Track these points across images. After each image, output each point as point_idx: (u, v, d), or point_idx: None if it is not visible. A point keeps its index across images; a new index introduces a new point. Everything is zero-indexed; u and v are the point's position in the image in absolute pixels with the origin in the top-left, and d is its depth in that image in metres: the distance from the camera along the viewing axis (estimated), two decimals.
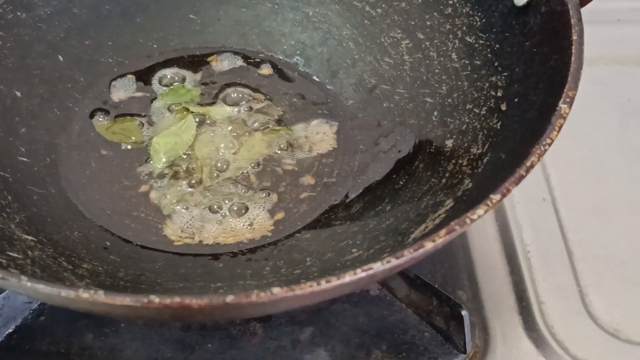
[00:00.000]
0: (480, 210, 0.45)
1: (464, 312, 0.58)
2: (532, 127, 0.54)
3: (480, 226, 0.70)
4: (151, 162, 0.65)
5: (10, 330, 0.58)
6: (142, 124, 0.68)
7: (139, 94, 0.70)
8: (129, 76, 0.71)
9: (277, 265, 0.57)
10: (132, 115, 0.69)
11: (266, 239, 0.60)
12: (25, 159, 0.62)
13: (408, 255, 0.43)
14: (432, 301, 0.60)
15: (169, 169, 0.64)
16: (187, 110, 0.68)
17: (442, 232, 0.44)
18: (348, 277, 0.42)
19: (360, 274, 0.42)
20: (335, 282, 0.42)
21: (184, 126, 0.66)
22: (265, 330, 0.59)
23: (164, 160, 0.65)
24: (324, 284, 0.41)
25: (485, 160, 0.56)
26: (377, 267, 0.42)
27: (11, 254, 0.52)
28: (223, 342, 0.58)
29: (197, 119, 0.68)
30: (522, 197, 0.71)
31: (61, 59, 0.69)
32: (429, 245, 0.44)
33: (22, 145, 0.63)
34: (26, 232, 0.56)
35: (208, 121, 0.68)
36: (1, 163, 0.60)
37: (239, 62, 0.74)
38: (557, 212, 0.70)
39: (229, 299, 0.40)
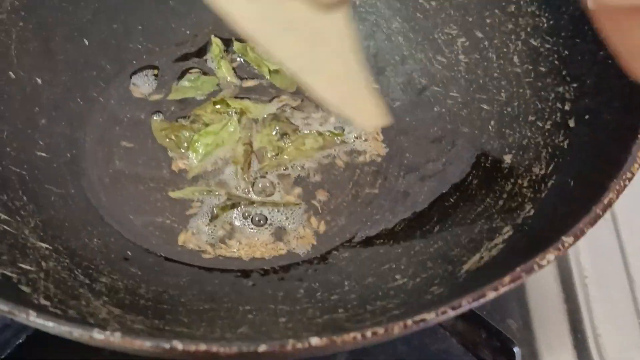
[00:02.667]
0: (550, 255, 0.40)
1: (516, 349, 0.52)
2: (605, 151, 0.48)
3: None
4: (187, 161, 0.60)
5: (20, 341, 0.54)
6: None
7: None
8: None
9: (312, 287, 0.52)
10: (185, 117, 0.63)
11: (300, 256, 0.55)
12: (44, 154, 0.57)
13: (466, 306, 0.38)
14: (480, 333, 0.55)
15: (202, 172, 0.59)
16: (227, 103, 0.62)
17: (507, 279, 0.39)
18: (397, 329, 0.37)
19: (411, 326, 0.37)
20: (381, 333, 0.37)
21: (227, 125, 0.61)
22: None
23: (201, 160, 0.59)
24: (369, 335, 0.37)
25: (549, 184, 0.50)
26: (431, 318, 0.37)
27: (23, 265, 0.47)
28: None
29: (236, 113, 0.62)
30: None
31: (87, 43, 0.64)
32: (490, 295, 0.39)
33: (42, 138, 0.58)
34: (41, 238, 0.51)
35: (248, 117, 0.63)
36: (18, 158, 0.56)
37: None
38: (619, 234, 0.64)
39: (262, 348, 0.35)
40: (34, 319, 0.36)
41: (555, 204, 0.48)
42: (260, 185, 0.59)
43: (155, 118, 0.62)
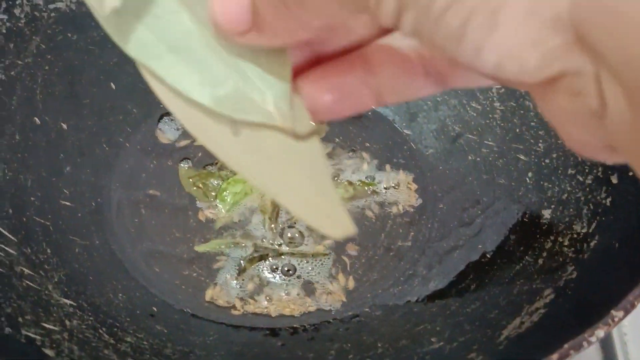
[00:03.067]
0: (599, 331, 0.38)
1: None
2: None
3: None
4: (214, 210, 0.58)
5: None
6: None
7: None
8: None
9: (344, 349, 0.50)
10: (213, 164, 0.62)
11: (331, 314, 0.53)
12: (68, 203, 0.56)
13: None
14: None
15: (229, 222, 0.57)
16: None
17: (554, 356, 0.37)
18: None
19: None
20: None
21: None
22: None
23: (229, 210, 0.58)
24: None
25: (592, 245, 0.48)
26: None
27: (47, 325, 0.45)
28: None
29: None
30: None
31: (113, 87, 0.63)
32: None
33: (66, 186, 0.57)
34: (65, 294, 0.49)
35: None
36: (42, 208, 0.54)
37: None
38: None
39: None
40: None
41: (600, 268, 0.46)
42: (288, 235, 0.57)
43: (182, 165, 0.61)
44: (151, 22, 0.26)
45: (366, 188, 0.60)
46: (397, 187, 0.61)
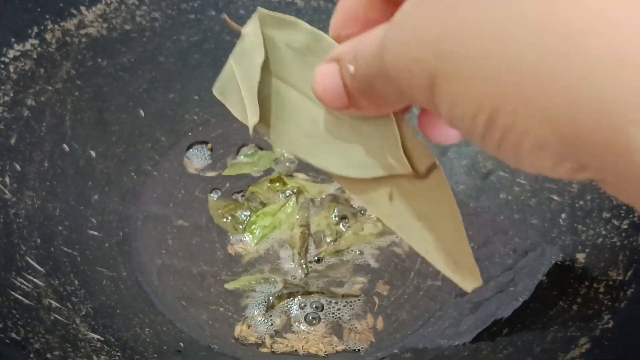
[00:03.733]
0: None
1: None
2: None
3: None
4: (243, 244, 0.57)
5: None
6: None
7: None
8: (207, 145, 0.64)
9: None
10: (240, 193, 0.61)
11: (360, 354, 0.52)
12: (96, 233, 0.56)
13: None
14: None
15: (258, 256, 0.57)
16: (283, 182, 0.60)
17: None
18: None
19: None
20: None
21: (285, 206, 0.58)
22: None
23: (257, 243, 0.57)
24: None
25: (629, 293, 0.48)
26: None
27: None
28: None
29: (293, 193, 0.60)
30: None
31: (142, 113, 0.62)
32: None
33: (94, 215, 0.56)
34: (92, 328, 0.49)
35: (305, 197, 0.60)
36: (70, 238, 0.54)
37: None
38: None
39: None
40: None
41: (637, 319, 0.45)
42: (319, 271, 0.57)
43: (212, 196, 0.60)
44: (287, 118, 0.32)
45: None
46: None
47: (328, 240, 0.58)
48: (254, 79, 0.33)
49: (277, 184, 0.61)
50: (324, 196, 0.60)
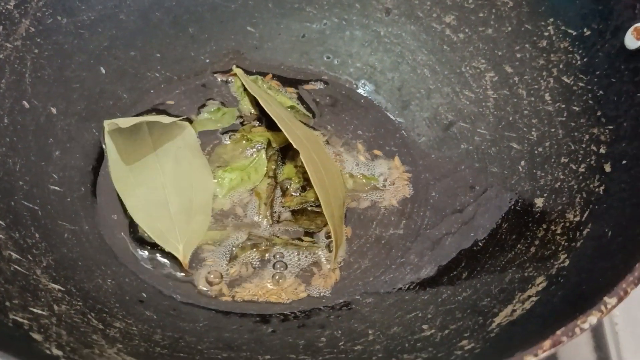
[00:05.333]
0: (592, 318, 0.38)
1: None
2: None
3: None
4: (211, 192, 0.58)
5: None
6: None
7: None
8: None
9: (335, 336, 0.49)
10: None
11: (322, 301, 0.53)
12: (57, 188, 0.55)
13: None
14: None
15: (225, 208, 0.57)
16: (248, 139, 0.60)
17: (547, 343, 0.37)
18: None
19: None
20: None
21: (254, 162, 0.59)
22: None
23: (225, 196, 0.57)
24: None
25: (585, 233, 0.48)
26: None
27: (35, 310, 0.45)
28: None
29: (262, 148, 0.60)
30: None
31: (103, 71, 0.62)
32: None
33: (55, 171, 0.56)
34: (53, 279, 0.49)
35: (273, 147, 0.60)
36: (30, 193, 0.53)
37: (299, 83, 0.66)
38: None
39: None
40: None
41: (592, 256, 0.46)
42: (283, 223, 0.57)
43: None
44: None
45: (365, 181, 0.59)
46: (388, 174, 0.60)
47: (293, 187, 0.58)
48: None
49: (243, 142, 0.61)
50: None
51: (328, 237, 0.56)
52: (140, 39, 0.64)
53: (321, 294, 0.53)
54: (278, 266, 0.54)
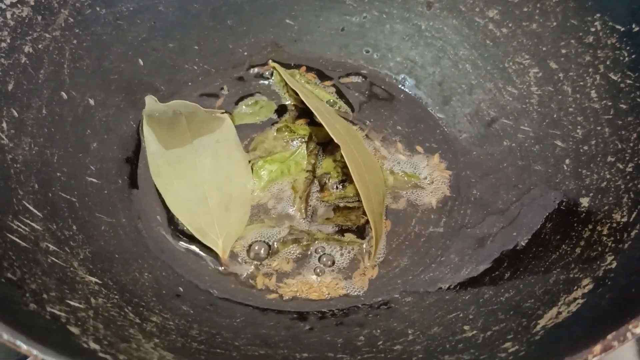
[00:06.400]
0: None
1: None
2: None
3: None
4: (250, 186, 0.57)
5: None
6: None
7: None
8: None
9: (374, 335, 0.49)
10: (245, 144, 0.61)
11: (360, 299, 0.52)
12: (95, 180, 0.55)
13: None
14: None
15: (264, 200, 0.56)
16: (290, 130, 0.59)
17: (597, 348, 0.36)
18: None
19: None
20: None
21: (295, 155, 0.58)
22: None
23: (264, 188, 0.57)
24: None
25: (633, 234, 0.47)
26: None
27: (72, 302, 0.44)
28: None
29: (302, 141, 0.59)
30: None
31: (141, 63, 0.62)
32: None
33: (93, 163, 0.56)
34: (90, 272, 0.48)
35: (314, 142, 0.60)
36: (68, 184, 0.53)
37: (338, 77, 0.65)
38: None
39: None
40: None
41: None
42: (321, 220, 0.56)
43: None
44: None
45: (406, 178, 0.58)
46: (429, 170, 0.59)
47: (332, 183, 0.57)
48: None
49: (285, 133, 0.60)
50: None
51: (368, 233, 0.54)
52: (179, 30, 0.63)
53: (360, 292, 0.52)
54: (324, 259, 0.53)
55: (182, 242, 0.54)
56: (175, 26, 0.63)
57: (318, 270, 0.53)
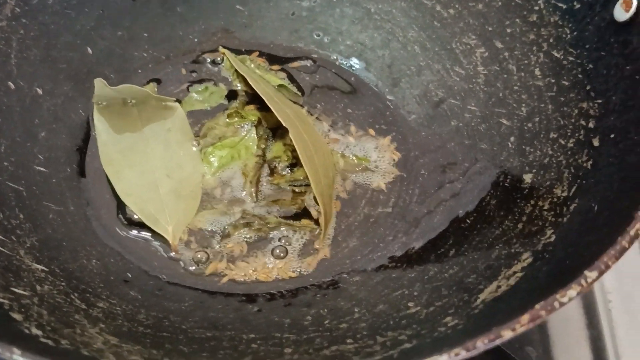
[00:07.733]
0: (572, 292, 0.37)
1: None
2: (633, 175, 0.45)
3: None
4: (200, 173, 0.58)
5: None
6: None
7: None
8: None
9: (321, 314, 0.49)
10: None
11: (309, 280, 0.53)
12: (42, 169, 0.55)
13: (481, 347, 0.36)
14: None
15: (214, 186, 0.57)
16: (241, 115, 0.60)
17: (525, 318, 0.36)
18: None
19: None
20: None
21: (245, 139, 0.58)
22: None
23: (214, 174, 0.57)
24: None
25: (572, 208, 0.47)
26: None
27: (17, 290, 0.44)
28: None
29: (252, 125, 0.59)
30: None
31: (90, 51, 0.62)
32: (507, 335, 0.36)
33: (41, 152, 0.56)
34: (37, 259, 0.49)
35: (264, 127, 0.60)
36: (16, 173, 0.53)
37: (288, 61, 0.65)
38: None
39: None
40: (18, 358, 0.34)
41: (578, 231, 0.45)
42: (267, 203, 0.56)
43: None
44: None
45: (356, 161, 0.59)
46: (378, 152, 0.60)
47: (282, 167, 0.58)
48: None
49: (236, 119, 0.60)
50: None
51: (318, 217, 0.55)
52: (128, 18, 0.63)
53: (307, 273, 0.53)
54: (276, 242, 0.54)
55: (132, 230, 0.55)
56: (124, 14, 0.63)
57: (269, 253, 0.54)
